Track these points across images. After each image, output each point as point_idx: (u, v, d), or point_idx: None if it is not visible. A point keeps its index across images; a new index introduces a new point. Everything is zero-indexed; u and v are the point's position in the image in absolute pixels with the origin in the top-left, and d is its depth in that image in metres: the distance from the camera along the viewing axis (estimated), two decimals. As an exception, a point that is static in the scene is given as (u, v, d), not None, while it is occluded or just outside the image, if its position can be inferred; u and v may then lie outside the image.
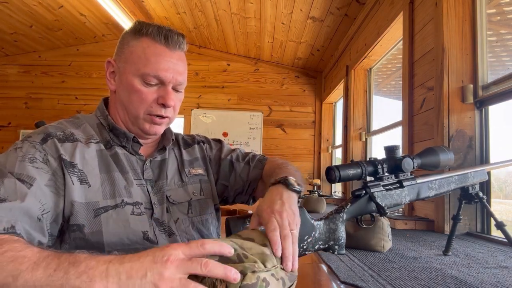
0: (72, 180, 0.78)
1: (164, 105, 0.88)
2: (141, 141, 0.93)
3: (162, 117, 0.89)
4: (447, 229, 1.50)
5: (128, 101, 0.88)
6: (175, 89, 0.90)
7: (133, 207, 0.85)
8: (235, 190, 1.05)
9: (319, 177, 4.58)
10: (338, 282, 0.76)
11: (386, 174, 0.87)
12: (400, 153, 0.90)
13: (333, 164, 1.04)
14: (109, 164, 0.85)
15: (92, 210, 0.79)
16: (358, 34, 3.13)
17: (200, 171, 1.04)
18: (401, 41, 2.20)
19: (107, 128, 0.91)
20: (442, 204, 1.53)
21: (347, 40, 3.43)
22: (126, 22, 3.61)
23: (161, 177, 0.94)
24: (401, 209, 1.91)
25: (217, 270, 0.49)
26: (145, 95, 0.86)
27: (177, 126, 4.85)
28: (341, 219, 0.79)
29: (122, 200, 0.83)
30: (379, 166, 0.86)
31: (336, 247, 0.78)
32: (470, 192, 1.00)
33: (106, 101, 0.97)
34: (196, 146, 1.08)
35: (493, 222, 0.99)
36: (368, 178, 0.87)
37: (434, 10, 1.72)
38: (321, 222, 0.77)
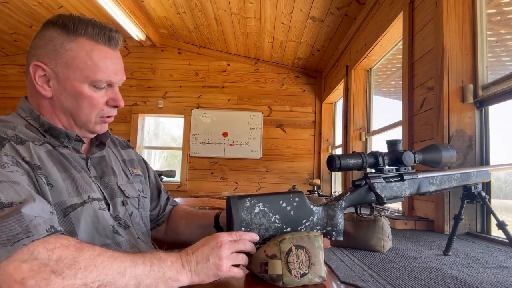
0: (42, 181, 0.74)
1: (116, 106, 0.88)
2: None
3: (110, 116, 0.90)
4: (447, 229, 1.50)
5: (77, 107, 0.84)
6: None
7: (98, 202, 0.84)
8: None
9: (319, 177, 4.58)
10: (338, 282, 0.76)
11: (387, 166, 0.88)
12: (401, 147, 0.90)
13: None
14: (63, 163, 0.82)
15: (60, 210, 0.77)
16: (358, 34, 3.13)
17: (139, 172, 1.06)
18: (401, 41, 2.20)
19: (41, 129, 0.84)
20: (442, 204, 1.53)
21: (347, 40, 3.43)
22: (126, 22, 3.61)
23: (106, 173, 0.93)
24: (401, 209, 1.91)
25: (249, 244, 0.72)
26: (96, 100, 0.85)
27: (177, 126, 4.85)
28: (339, 206, 0.81)
29: (89, 196, 0.82)
30: (380, 158, 0.86)
31: (334, 233, 0.80)
32: (472, 191, 1.00)
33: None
34: (131, 149, 1.11)
35: (493, 222, 0.99)
36: (369, 171, 0.88)
37: (434, 10, 1.72)
38: (320, 208, 0.79)
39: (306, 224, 0.76)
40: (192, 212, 1.11)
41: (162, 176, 2.87)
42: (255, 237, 0.73)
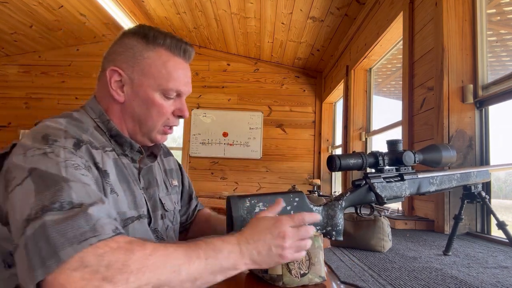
0: (108, 189, 0.75)
1: (181, 117, 0.91)
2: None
3: (172, 128, 0.91)
4: (447, 229, 1.50)
5: (146, 114, 0.86)
6: None
7: (147, 218, 0.86)
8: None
9: (319, 177, 4.58)
10: (338, 282, 0.76)
11: (387, 166, 0.88)
12: (401, 147, 0.90)
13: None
14: (124, 174, 0.83)
15: (121, 220, 0.77)
16: (358, 34, 3.13)
17: (176, 182, 1.08)
18: (401, 41, 2.20)
19: (107, 133, 0.85)
20: (442, 204, 1.53)
21: (347, 40, 3.43)
22: (126, 22, 3.61)
23: (151, 184, 0.94)
24: (401, 209, 1.91)
25: (312, 228, 0.69)
26: (165, 108, 0.87)
27: (177, 126, 4.85)
28: (339, 206, 0.81)
29: (143, 212, 0.85)
30: (380, 158, 0.86)
31: (334, 233, 0.80)
32: (472, 191, 1.00)
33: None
34: (171, 157, 1.12)
35: (494, 222, 0.99)
36: (369, 171, 0.88)
37: (434, 10, 1.72)
38: (320, 208, 0.79)
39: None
40: (213, 217, 1.13)
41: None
42: (317, 216, 0.72)
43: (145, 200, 0.88)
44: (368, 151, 1.40)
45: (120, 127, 0.87)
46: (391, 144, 0.90)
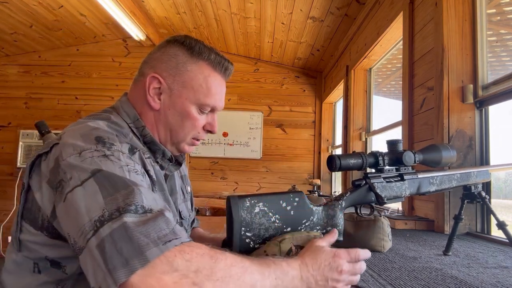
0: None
1: (210, 132, 0.92)
2: None
3: (199, 140, 0.92)
4: (447, 229, 1.50)
5: (180, 125, 0.86)
6: None
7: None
8: None
9: (319, 177, 4.58)
10: (338, 282, 0.76)
11: (387, 166, 0.88)
12: (401, 147, 0.90)
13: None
14: (160, 181, 0.84)
15: None
16: (358, 34, 3.13)
17: (189, 189, 1.09)
18: (401, 41, 2.20)
19: (141, 139, 0.84)
20: (442, 204, 1.53)
21: (347, 40, 3.43)
22: (126, 22, 3.61)
23: (174, 191, 0.95)
24: (401, 209, 1.91)
25: (364, 265, 0.71)
26: (199, 122, 0.88)
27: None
28: (340, 206, 0.81)
29: (177, 221, 0.86)
30: (380, 158, 0.87)
31: None
32: (472, 191, 1.00)
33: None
34: (184, 162, 1.12)
35: (494, 222, 0.99)
36: (369, 171, 0.88)
37: (434, 10, 1.72)
38: (320, 208, 0.79)
39: (306, 224, 0.76)
40: (204, 236, 1.13)
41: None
42: (369, 254, 0.73)
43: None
44: (368, 151, 1.40)
45: (153, 134, 0.87)
46: (391, 144, 0.91)
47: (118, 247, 0.51)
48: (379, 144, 3.06)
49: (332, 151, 4.57)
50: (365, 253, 0.71)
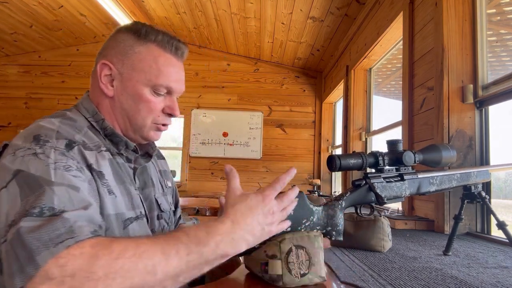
0: (104, 191, 0.74)
1: (171, 115, 0.89)
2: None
3: (165, 125, 0.90)
4: (447, 229, 1.50)
5: (135, 110, 0.85)
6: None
7: (145, 219, 0.86)
8: None
9: (319, 177, 4.58)
10: (338, 282, 0.76)
11: (387, 166, 0.88)
12: (401, 147, 0.90)
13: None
14: (119, 174, 0.82)
15: (121, 221, 0.77)
16: (358, 34, 3.13)
17: (170, 184, 1.07)
18: (401, 41, 2.20)
19: (102, 133, 0.84)
20: (442, 204, 1.53)
21: (347, 40, 3.43)
22: (126, 22, 3.60)
23: (147, 184, 0.93)
24: (401, 209, 1.91)
25: (295, 191, 0.72)
26: (154, 105, 0.85)
27: (177, 126, 4.85)
28: (340, 206, 0.81)
29: (140, 212, 0.84)
30: (380, 158, 0.87)
31: (334, 233, 0.80)
32: (472, 191, 1.00)
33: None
34: (164, 160, 1.11)
35: (494, 222, 0.99)
36: (369, 171, 0.88)
37: (434, 10, 1.72)
38: (320, 208, 0.79)
39: (306, 224, 0.76)
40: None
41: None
42: (293, 170, 0.71)
43: (141, 200, 0.87)
44: (368, 151, 1.40)
45: (112, 124, 0.86)
46: (391, 144, 0.91)
47: (16, 253, 0.51)
48: (379, 144, 3.06)
49: (332, 151, 4.57)
50: (287, 175, 0.70)
